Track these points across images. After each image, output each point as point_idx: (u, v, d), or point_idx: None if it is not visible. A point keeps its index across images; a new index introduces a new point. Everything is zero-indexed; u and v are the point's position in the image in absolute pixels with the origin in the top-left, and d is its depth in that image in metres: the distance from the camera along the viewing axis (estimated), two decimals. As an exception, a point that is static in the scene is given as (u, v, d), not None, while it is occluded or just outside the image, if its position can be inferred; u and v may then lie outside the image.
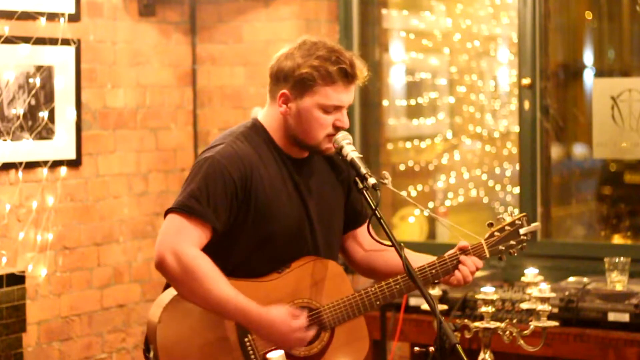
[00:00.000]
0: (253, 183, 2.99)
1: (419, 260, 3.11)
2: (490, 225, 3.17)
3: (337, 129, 3.03)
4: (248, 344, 2.99)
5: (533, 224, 3.21)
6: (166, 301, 2.99)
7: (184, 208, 2.93)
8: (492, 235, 3.15)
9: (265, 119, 3.10)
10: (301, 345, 3.00)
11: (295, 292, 3.04)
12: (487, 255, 3.14)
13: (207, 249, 2.98)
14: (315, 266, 3.06)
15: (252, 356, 2.99)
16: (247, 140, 3.05)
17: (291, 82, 3.01)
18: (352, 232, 3.27)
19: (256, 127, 3.09)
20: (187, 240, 2.91)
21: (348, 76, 3.01)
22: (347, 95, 3.03)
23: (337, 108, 3.03)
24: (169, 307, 2.97)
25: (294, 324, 2.94)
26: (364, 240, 3.27)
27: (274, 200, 3.02)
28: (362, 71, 3.06)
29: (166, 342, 2.96)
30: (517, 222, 3.18)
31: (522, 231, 3.18)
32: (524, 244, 3.19)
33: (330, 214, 3.15)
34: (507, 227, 3.17)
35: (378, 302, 3.05)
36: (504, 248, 3.15)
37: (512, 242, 3.16)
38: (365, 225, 3.15)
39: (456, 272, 3.10)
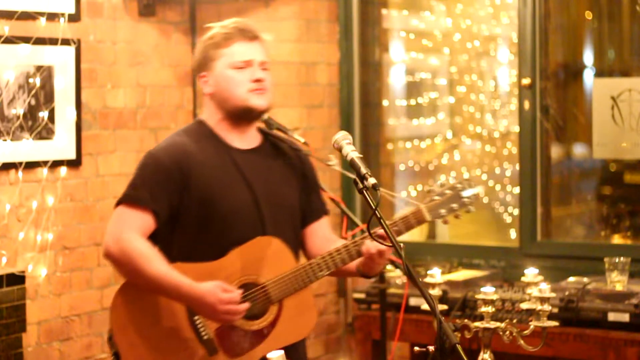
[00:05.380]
0: (192, 169, 3.13)
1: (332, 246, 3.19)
2: (429, 191, 3.18)
3: (257, 82, 3.17)
4: (198, 321, 3.09)
5: (476, 188, 3.21)
6: None
7: (124, 198, 3.15)
8: (431, 200, 3.18)
9: (204, 114, 3.29)
10: (233, 317, 3.05)
11: (241, 270, 3.12)
12: (428, 219, 3.17)
13: (158, 238, 3.14)
14: (258, 244, 3.15)
15: (203, 333, 3.09)
16: (186, 134, 3.24)
17: (201, 63, 3.23)
18: (309, 227, 3.34)
19: (197, 123, 3.29)
20: (127, 226, 3.11)
21: (244, 32, 3.20)
22: (251, 50, 3.21)
23: (248, 64, 3.18)
24: (120, 292, 3.15)
25: (222, 296, 3.02)
26: (319, 235, 3.34)
27: (215, 185, 3.14)
28: (257, 28, 3.25)
29: (119, 324, 3.12)
30: (457, 185, 3.20)
31: (464, 194, 3.19)
32: (469, 206, 3.20)
33: (280, 200, 3.23)
34: (447, 191, 3.19)
35: (321, 272, 3.13)
36: (445, 211, 3.18)
37: (454, 205, 3.19)
38: (321, 220, 3.33)
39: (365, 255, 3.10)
